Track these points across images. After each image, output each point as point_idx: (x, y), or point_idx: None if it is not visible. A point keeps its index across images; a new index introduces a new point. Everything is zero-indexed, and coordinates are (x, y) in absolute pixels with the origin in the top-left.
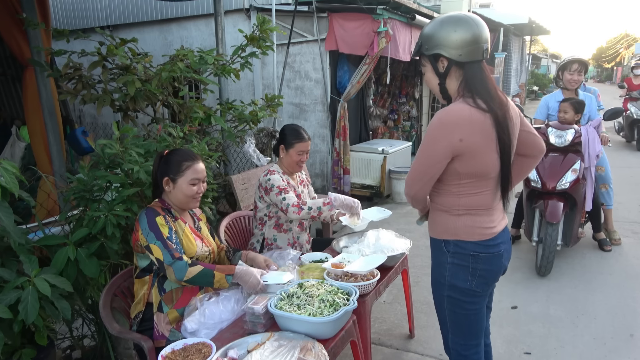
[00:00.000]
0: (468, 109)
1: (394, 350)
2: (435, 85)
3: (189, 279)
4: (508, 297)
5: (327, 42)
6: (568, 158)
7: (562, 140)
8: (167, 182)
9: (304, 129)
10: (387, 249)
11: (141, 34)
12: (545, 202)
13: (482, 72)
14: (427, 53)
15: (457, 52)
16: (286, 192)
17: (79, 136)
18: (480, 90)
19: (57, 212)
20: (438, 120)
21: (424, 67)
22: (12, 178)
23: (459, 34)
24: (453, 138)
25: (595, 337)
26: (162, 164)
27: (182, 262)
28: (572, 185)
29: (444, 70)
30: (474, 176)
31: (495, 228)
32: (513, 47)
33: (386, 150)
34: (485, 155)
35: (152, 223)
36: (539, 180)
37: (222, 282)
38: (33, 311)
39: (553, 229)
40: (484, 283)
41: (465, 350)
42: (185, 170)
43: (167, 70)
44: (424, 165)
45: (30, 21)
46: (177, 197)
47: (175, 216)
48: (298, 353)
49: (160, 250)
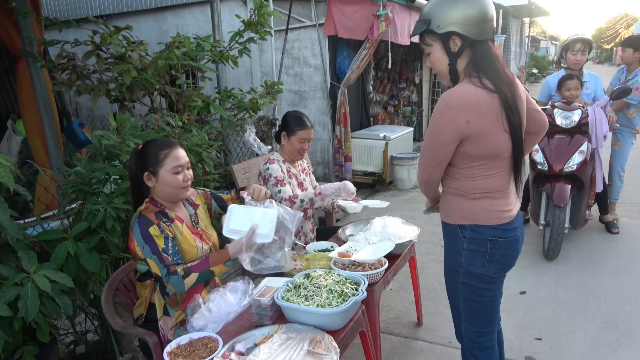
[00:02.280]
0: (474, 90)
1: (403, 339)
2: (444, 66)
3: (190, 287)
4: (516, 282)
5: (325, 27)
6: (575, 139)
7: (569, 122)
8: (148, 177)
9: (307, 116)
10: (394, 237)
11: (136, 23)
12: (552, 185)
13: (490, 51)
14: (439, 31)
15: (474, 29)
16: (282, 185)
17: (75, 128)
18: (488, 70)
19: (55, 206)
20: (443, 103)
21: (430, 46)
22: (7, 172)
23: (475, 10)
24: (459, 121)
25: (606, 321)
26: (139, 160)
27: (176, 276)
28: (579, 168)
29: (456, 50)
30: (486, 157)
31: (512, 211)
32: (512, 29)
33: (388, 137)
34: (495, 136)
35: (145, 235)
36: (545, 162)
37: (222, 269)
38: (33, 308)
39: (560, 212)
40: (501, 269)
41: (479, 337)
42: (164, 160)
43: (164, 58)
44: (432, 149)
45: (20, 10)
46: (164, 191)
47: (172, 217)
48: (307, 345)
49: (156, 265)
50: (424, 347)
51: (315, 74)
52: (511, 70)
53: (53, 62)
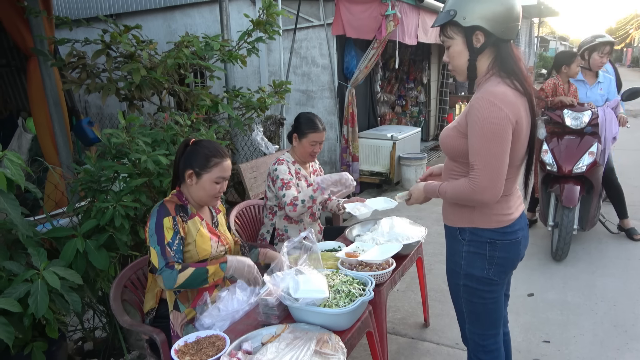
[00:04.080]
0: (511, 92)
1: (409, 340)
2: (463, 61)
3: (179, 284)
4: (524, 283)
5: (333, 26)
6: (585, 141)
7: (579, 123)
8: (190, 175)
9: (320, 119)
10: (402, 237)
11: (145, 22)
12: (562, 186)
13: (513, 51)
14: (465, 24)
15: (500, 27)
16: (287, 188)
17: (85, 127)
18: (516, 71)
19: (65, 204)
20: (490, 103)
21: (451, 39)
22: (18, 170)
23: (505, 7)
24: (512, 119)
25: (615, 325)
26: (188, 154)
27: (170, 270)
28: (589, 169)
29: (479, 46)
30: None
31: (513, 215)
32: (521, 29)
33: (395, 137)
34: (521, 141)
35: (159, 225)
36: (554, 163)
37: (217, 273)
38: (43, 304)
39: (570, 213)
40: (501, 271)
41: (484, 340)
42: (213, 167)
43: (173, 57)
44: (499, 154)
45: (32, 9)
46: (197, 194)
47: (191, 213)
48: (314, 345)
49: (157, 255)
50: (430, 348)
51: (323, 73)
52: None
53: (63, 60)
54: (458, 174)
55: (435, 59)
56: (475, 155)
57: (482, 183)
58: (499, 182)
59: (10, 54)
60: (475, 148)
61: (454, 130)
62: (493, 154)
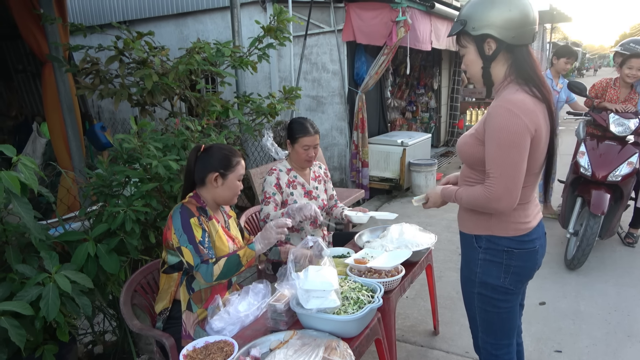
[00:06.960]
0: (530, 99)
1: (419, 348)
2: (477, 69)
3: (217, 276)
4: (536, 292)
5: (344, 32)
6: (626, 149)
7: (624, 129)
8: (216, 178)
9: (312, 122)
10: (411, 244)
11: (157, 28)
12: (591, 192)
13: (530, 56)
14: (474, 33)
15: (510, 33)
16: (266, 204)
17: (97, 132)
18: (533, 77)
19: (77, 208)
20: (508, 111)
21: (465, 48)
22: (32, 174)
23: (514, 13)
24: (531, 128)
25: (629, 335)
26: (206, 159)
27: (207, 265)
28: (624, 179)
29: (490, 53)
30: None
31: (530, 223)
32: None
33: (405, 143)
34: (540, 149)
35: (186, 224)
36: (589, 167)
37: (248, 254)
38: (54, 308)
39: (595, 221)
40: (517, 280)
41: (497, 350)
42: (236, 166)
43: (184, 63)
44: (516, 163)
45: (48, 16)
46: (223, 194)
47: (210, 215)
48: (323, 352)
49: (191, 254)
50: (440, 356)
51: (334, 79)
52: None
53: (77, 66)
54: (474, 182)
55: (446, 65)
56: (492, 163)
57: (498, 191)
58: (514, 190)
59: (27, 60)
60: (492, 156)
61: (472, 137)
62: (510, 163)
